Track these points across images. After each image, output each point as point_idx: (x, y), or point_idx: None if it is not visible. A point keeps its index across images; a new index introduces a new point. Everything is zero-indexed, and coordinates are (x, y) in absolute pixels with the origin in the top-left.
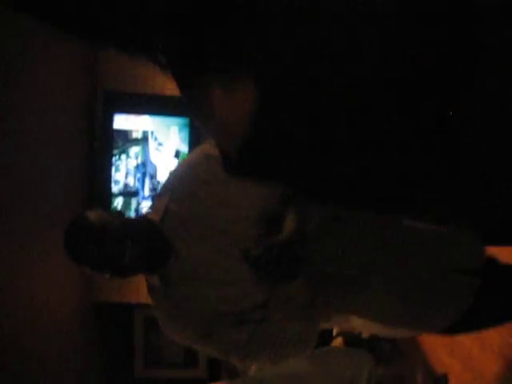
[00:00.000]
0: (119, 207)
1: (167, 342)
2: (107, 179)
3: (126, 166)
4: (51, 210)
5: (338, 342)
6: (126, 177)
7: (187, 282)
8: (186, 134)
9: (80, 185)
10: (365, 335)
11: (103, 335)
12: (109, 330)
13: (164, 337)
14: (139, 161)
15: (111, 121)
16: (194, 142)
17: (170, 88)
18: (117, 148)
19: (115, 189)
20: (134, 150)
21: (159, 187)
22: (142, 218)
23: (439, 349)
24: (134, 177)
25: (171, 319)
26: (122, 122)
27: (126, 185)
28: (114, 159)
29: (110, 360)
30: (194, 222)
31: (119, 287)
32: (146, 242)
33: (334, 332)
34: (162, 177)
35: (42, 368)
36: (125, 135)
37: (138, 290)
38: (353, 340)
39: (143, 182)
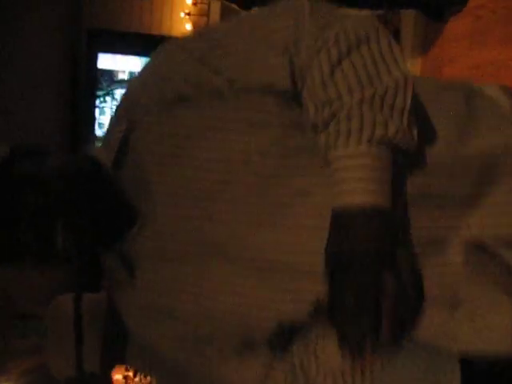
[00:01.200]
0: None
1: None
2: (91, 122)
3: (111, 108)
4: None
5: None
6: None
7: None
8: None
9: (63, 127)
10: None
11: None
12: None
13: None
14: None
15: (95, 60)
16: None
17: (157, 27)
18: (101, 89)
19: (99, 132)
20: (120, 91)
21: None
22: (83, 160)
23: None
24: None
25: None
26: (106, 61)
27: None
28: (98, 101)
29: None
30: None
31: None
32: (91, 203)
33: None
34: None
35: None
36: (110, 76)
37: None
38: None
39: None
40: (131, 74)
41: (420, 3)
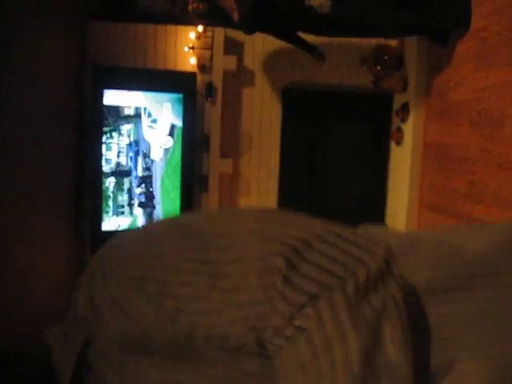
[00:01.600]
0: (111, 187)
1: None
2: (98, 158)
3: (118, 144)
4: (41, 191)
5: None
6: (118, 156)
7: None
8: (179, 109)
9: (70, 164)
10: None
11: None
12: None
13: None
14: (132, 139)
15: (101, 96)
16: (187, 117)
17: (162, 62)
18: (108, 125)
19: (107, 168)
20: (126, 127)
21: (152, 166)
22: None
23: None
24: (127, 156)
25: None
26: (112, 98)
27: (118, 164)
28: (104, 137)
29: None
30: None
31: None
32: None
33: None
34: (156, 155)
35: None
36: (116, 112)
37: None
38: None
39: (136, 160)
40: (137, 109)
41: (423, 29)
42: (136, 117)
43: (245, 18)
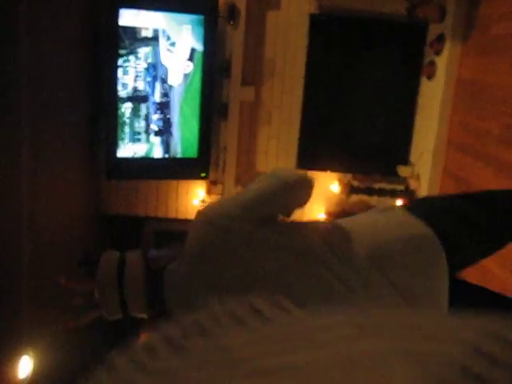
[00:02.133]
0: (127, 113)
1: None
2: (113, 82)
3: (135, 68)
4: (58, 115)
5: None
6: (135, 80)
7: None
8: (200, 32)
9: (85, 88)
10: None
11: (112, 247)
12: (118, 243)
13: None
14: (149, 62)
15: (117, 16)
16: (208, 41)
17: None
18: (124, 48)
19: (123, 93)
20: (144, 50)
21: (170, 92)
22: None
23: None
24: (144, 80)
25: None
26: (129, 18)
27: (134, 89)
28: (121, 60)
29: None
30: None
31: (127, 199)
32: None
33: None
34: (174, 80)
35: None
36: (133, 33)
37: (147, 202)
38: None
39: (153, 85)
40: (155, 31)
41: None
42: (154, 39)
43: None
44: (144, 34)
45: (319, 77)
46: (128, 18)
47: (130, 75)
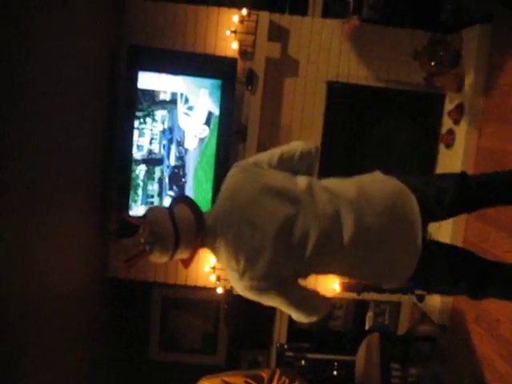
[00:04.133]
0: (141, 176)
1: (185, 325)
2: (129, 144)
3: (151, 130)
4: (68, 174)
5: (374, 336)
6: (151, 143)
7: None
8: (217, 96)
9: (99, 148)
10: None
11: (118, 313)
12: (125, 308)
13: (181, 320)
14: (166, 126)
15: (135, 78)
16: (225, 106)
17: (202, 46)
18: (141, 110)
19: (138, 155)
20: (161, 113)
21: (186, 155)
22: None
23: (493, 355)
24: (160, 143)
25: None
26: (148, 81)
27: (149, 151)
28: (137, 122)
29: (124, 340)
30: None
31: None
32: None
33: (367, 327)
34: (190, 144)
35: (54, 341)
36: (151, 96)
37: (156, 267)
38: (389, 337)
39: (169, 149)
40: (173, 94)
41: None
42: (172, 102)
43: None
44: (162, 97)
45: (335, 144)
46: (147, 81)
47: (145, 137)
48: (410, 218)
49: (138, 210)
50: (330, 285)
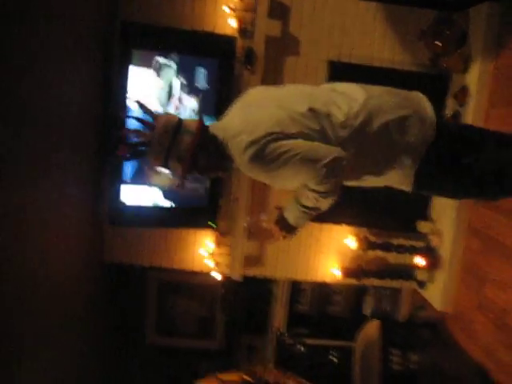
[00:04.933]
0: None
1: (182, 310)
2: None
3: None
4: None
5: (374, 324)
6: None
7: None
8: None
9: (92, 124)
10: None
11: (114, 297)
12: (120, 292)
13: (178, 305)
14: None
15: (129, 57)
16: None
17: (199, 23)
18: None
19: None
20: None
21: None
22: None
23: (496, 344)
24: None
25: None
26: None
27: None
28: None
29: (120, 325)
30: None
31: (131, 247)
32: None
33: (366, 312)
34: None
35: (50, 326)
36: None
37: (152, 252)
38: (389, 324)
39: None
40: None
41: None
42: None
43: None
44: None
45: None
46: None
47: None
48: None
49: (131, 191)
50: (331, 270)
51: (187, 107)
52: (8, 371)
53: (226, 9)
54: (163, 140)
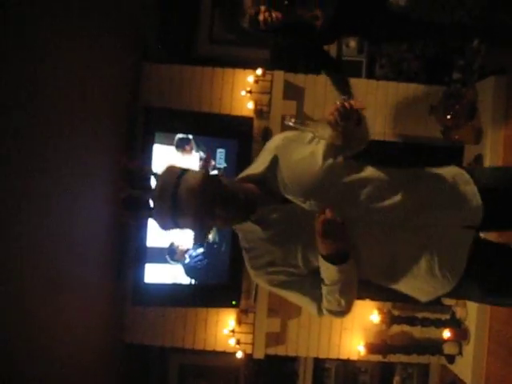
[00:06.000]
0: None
1: None
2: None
3: None
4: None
5: None
6: None
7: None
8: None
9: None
10: None
11: (135, 381)
12: (141, 375)
13: None
14: None
15: (152, 139)
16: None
17: (217, 107)
18: None
19: None
20: None
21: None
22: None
23: None
24: None
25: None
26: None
27: None
28: None
29: None
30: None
31: (152, 328)
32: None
33: None
34: None
35: None
36: None
37: (173, 332)
38: None
39: None
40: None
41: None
42: None
43: (328, 22)
44: None
45: None
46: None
47: None
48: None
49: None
50: (355, 347)
51: None
52: None
53: (242, 92)
54: (164, 197)
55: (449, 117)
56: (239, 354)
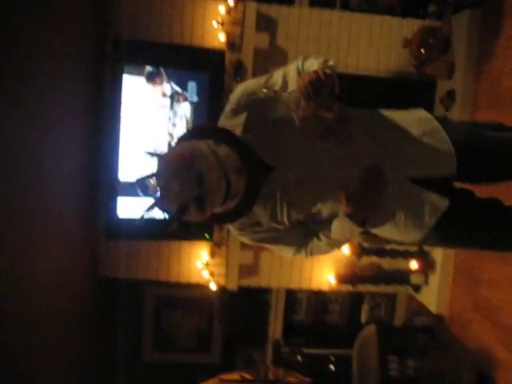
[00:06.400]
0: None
1: (178, 324)
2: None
3: None
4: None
5: (370, 329)
6: None
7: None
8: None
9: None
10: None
11: (110, 313)
12: (117, 307)
13: (175, 319)
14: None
15: (121, 72)
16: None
17: (188, 38)
18: None
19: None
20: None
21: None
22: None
23: (494, 343)
24: None
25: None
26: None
27: None
28: None
29: (117, 341)
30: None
31: (126, 261)
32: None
33: (364, 320)
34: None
35: (46, 344)
36: None
37: (147, 266)
38: (385, 329)
39: None
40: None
41: None
42: None
43: None
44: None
45: None
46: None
47: None
48: None
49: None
50: (325, 278)
51: (178, 114)
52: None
53: (214, 23)
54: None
55: (423, 50)
56: (213, 286)
